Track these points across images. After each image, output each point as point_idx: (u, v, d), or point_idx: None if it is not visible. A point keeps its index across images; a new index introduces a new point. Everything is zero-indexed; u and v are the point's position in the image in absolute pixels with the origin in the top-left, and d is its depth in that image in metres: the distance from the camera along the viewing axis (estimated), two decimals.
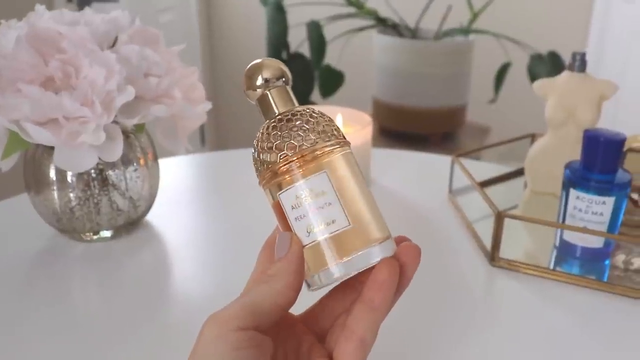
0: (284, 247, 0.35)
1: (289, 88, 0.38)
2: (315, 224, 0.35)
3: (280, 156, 0.35)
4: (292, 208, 0.36)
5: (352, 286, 0.38)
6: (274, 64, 0.38)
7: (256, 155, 0.37)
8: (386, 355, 0.52)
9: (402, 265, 0.36)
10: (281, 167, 0.35)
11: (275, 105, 0.38)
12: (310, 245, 0.35)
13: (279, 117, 0.37)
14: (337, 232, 0.35)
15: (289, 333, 0.38)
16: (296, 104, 0.38)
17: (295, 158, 0.35)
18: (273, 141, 0.36)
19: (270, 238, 0.39)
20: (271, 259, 0.37)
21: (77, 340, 0.55)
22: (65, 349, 0.54)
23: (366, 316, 0.34)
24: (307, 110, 0.37)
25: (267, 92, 0.38)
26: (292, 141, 0.35)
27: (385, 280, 0.34)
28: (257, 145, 0.37)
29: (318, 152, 0.35)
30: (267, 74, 0.38)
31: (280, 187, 0.36)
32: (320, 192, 0.35)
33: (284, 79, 0.38)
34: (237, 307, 0.33)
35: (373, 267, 0.35)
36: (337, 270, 0.35)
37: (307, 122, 0.36)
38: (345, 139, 0.38)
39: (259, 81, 0.38)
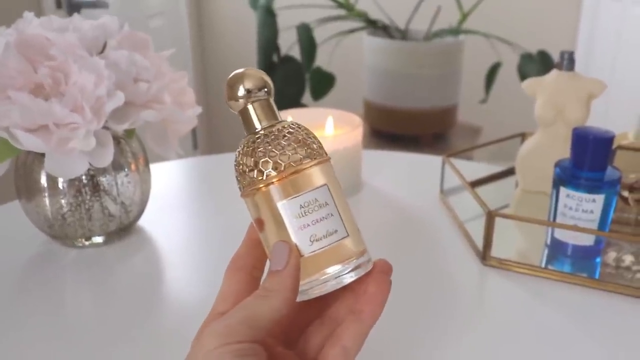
0: (282, 259, 0.35)
1: (271, 100, 0.38)
2: (320, 234, 0.36)
3: (275, 168, 0.36)
4: (296, 217, 0.36)
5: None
6: (256, 74, 0.38)
7: (243, 167, 0.37)
8: (378, 355, 0.52)
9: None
10: (281, 178, 0.36)
11: (259, 118, 0.38)
12: (312, 254, 0.36)
13: (268, 130, 0.37)
14: (338, 241, 0.36)
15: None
16: (279, 116, 0.39)
17: (295, 170, 0.36)
18: (266, 153, 0.36)
19: (237, 256, 0.40)
20: (237, 278, 0.38)
21: (70, 347, 0.55)
22: (58, 356, 0.53)
23: (353, 326, 0.36)
24: (298, 126, 0.38)
25: (250, 105, 0.38)
26: (289, 153, 0.36)
27: (375, 294, 0.36)
28: (244, 157, 0.37)
29: (313, 165, 0.36)
30: (249, 84, 0.37)
31: (275, 197, 0.36)
32: (324, 203, 0.36)
33: (266, 89, 0.38)
34: (236, 321, 0.34)
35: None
36: (333, 281, 0.36)
37: (299, 135, 0.37)
38: (326, 152, 0.39)
39: (241, 92, 0.38)
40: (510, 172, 0.90)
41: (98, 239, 0.70)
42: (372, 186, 0.88)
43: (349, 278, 0.36)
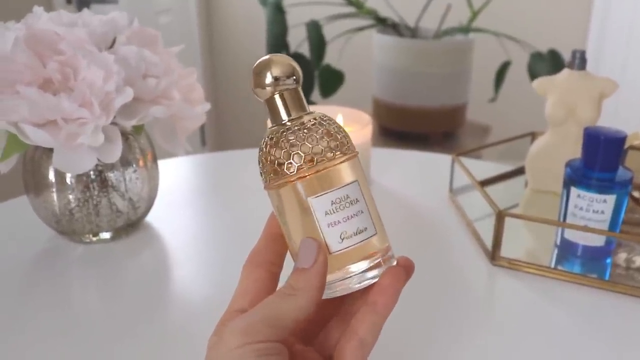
0: (310, 257, 0.34)
1: (299, 88, 0.37)
2: (350, 231, 0.35)
3: (307, 162, 0.34)
4: (327, 214, 0.35)
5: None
6: (284, 60, 0.36)
7: (270, 159, 0.36)
8: (387, 354, 0.52)
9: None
10: (312, 173, 0.35)
11: (288, 108, 0.36)
12: (340, 252, 0.35)
13: (298, 121, 0.36)
14: (367, 239, 0.36)
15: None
16: (307, 106, 0.37)
17: (327, 166, 0.35)
18: (298, 146, 0.35)
19: (255, 251, 0.39)
20: (255, 274, 0.37)
21: (77, 342, 0.54)
22: (65, 351, 0.53)
23: (368, 318, 0.35)
24: (328, 118, 0.37)
25: (278, 95, 0.36)
26: (322, 147, 0.35)
27: (389, 285, 0.35)
28: (272, 148, 0.35)
29: (344, 160, 0.35)
30: (276, 71, 0.36)
31: (306, 192, 0.35)
32: (355, 200, 0.35)
33: (294, 77, 0.36)
34: (259, 320, 0.33)
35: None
36: (358, 277, 0.36)
37: (330, 129, 0.36)
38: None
39: (268, 79, 0.36)
40: (519, 171, 0.89)
41: (105, 235, 0.70)
42: (381, 184, 0.87)
43: (373, 276, 0.36)
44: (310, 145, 0.35)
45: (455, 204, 0.80)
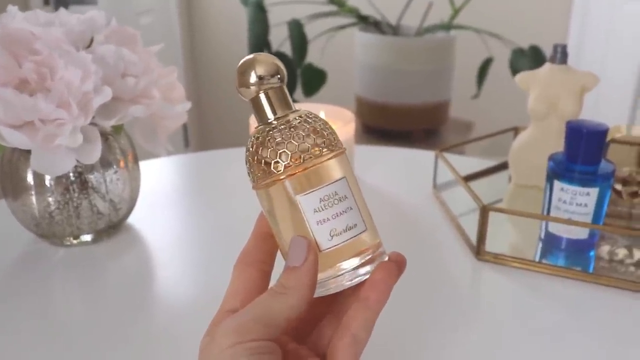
0: (300, 256, 0.34)
1: (284, 87, 0.37)
2: (340, 228, 0.35)
3: (293, 160, 0.34)
4: (315, 212, 0.35)
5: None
6: (268, 59, 0.36)
7: (256, 159, 0.35)
8: (372, 351, 0.51)
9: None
10: (299, 171, 0.34)
11: (273, 107, 0.36)
12: (330, 249, 0.35)
13: (284, 120, 0.36)
14: (357, 236, 0.35)
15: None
16: (292, 105, 0.37)
17: (314, 163, 0.34)
18: (284, 144, 0.34)
19: (245, 251, 0.38)
20: (246, 274, 0.37)
21: (60, 347, 0.54)
22: (47, 356, 0.52)
23: (361, 314, 0.35)
24: (314, 116, 0.36)
25: (263, 94, 0.36)
26: (308, 145, 0.35)
27: (381, 280, 0.35)
28: (259, 148, 0.35)
29: (331, 157, 0.35)
30: (260, 70, 0.36)
31: (294, 190, 0.35)
32: (344, 197, 0.35)
33: (279, 76, 0.36)
34: (250, 319, 0.33)
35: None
36: (350, 274, 0.35)
37: (316, 126, 0.36)
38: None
39: (253, 78, 0.36)
40: (502, 166, 0.89)
41: (87, 238, 0.69)
42: (365, 182, 0.87)
43: (365, 273, 0.36)
44: (297, 143, 0.34)
45: (439, 200, 0.80)
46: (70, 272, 0.65)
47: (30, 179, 0.64)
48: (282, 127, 0.35)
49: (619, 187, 0.71)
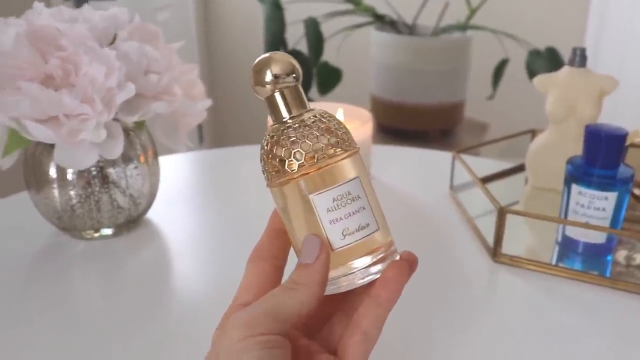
0: (312, 253, 0.35)
1: (299, 86, 0.37)
2: (352, 227, 0.35)
3: (308, 159, 0.35)
4: (328, 211, 0.35)
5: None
6: (284, 58, 0.36)
7: (271, 157, 0.36)
8: (388, 351, 0.52)
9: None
10: (313, 170, 0.35)
11: (288, 106, 0.36)
12: (342, 248, 0.35)
13: (299, 119, 0.36)
14: (369, 235, 0.36)
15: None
16: (307, 104, 0.37)
17: (328, 163, 0.35)
18: (299, 144, 0.35)
19: (259, 246, 0.39)
20: (259, 269, 0.38)
21: (79, 338, 0.54)
22: (67, 347, 0.53)
23: (372, 311, 0.35)
24: (329, 115, 0.37)
25: (278, 92, 0.36)
26: (322, 144, 0.35)
27: (393, 278, 0.35)
28: (274, 146, 0.36)
29: (345, 156, 0.35)
30: (276, 69, 0.36)
31: (308, 189, 0.35)
32: (357, 196, 0.35)
33: (294, 75, 0.36)
34: (261, 312, 0.33)
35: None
36: (361, 272, 0.36)
37: (331, 126, 0.36)
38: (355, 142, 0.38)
39: (268, 77, 0.36)
40: (519, 168, 0.89)
41: (107, 231, 0.70)
42: (382, 181, 0.87)
43: (377, 271, 0.36)
44: (311, 143, 0.35)
45: (455, 201, 0.80)
46: (90, 265, 0.66)
47: (53, 172, 0.65)
48: (297, 126, 0.35)
49: (637, 191, 0.71)
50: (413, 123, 1.76)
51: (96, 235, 0.70)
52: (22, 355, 0.53)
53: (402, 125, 1.77)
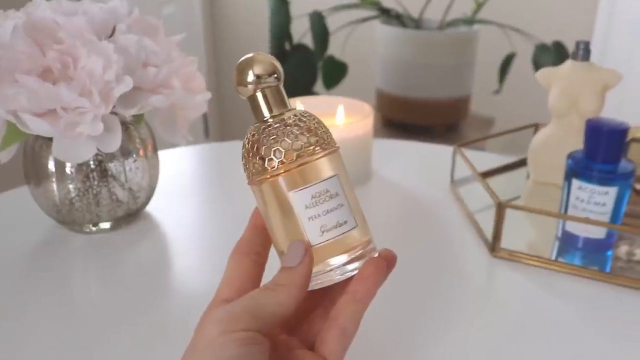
0: (296, 257, 0.36)
1: (281, 86, 0.38)
2: (330, 224, 0.36)
3: (286, 157, 0.35)
4: (307, 208, 0.36)
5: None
6: (266, 59, 0.37)
7: (252, 155, 0.37)
8: (387, 345, 0.52)
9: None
10: (292, 168, 0.35)
11: (269, 105, 0.37)
12: (320, 244, 0.36)
13: (279, 118, 0.37)
14: (348, 232, 0.36)
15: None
16: (289, 104, 0.38)
17: (306, 161, 0.36)
18: (278, 142, 0.36)
19: (241, 242, 0.40)
20: (241, 264, 0.38)
21: (77, 331, 0.55)
22: (65, 340, 0.53)
23: (349, 307, 0.36)
24: (309, 114, 0.38)
25: (260, 92, 0.37)
26: (301, 142, 0.36)
27: (370, 274, 0.36)
28: (254, 145, 0.37)
29: (324, 155, 0.36)
30: (258, 69, 0.37)
31: (287, 187, 0.36)
32: (335, 194, 0.36)
33: (275, 75, 0.37)
34: (240, 309, 0.34)
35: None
36: (339, 269, 0.36)
37: (310, 124, 0.37)
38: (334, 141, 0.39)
39: (250, 77, 0.37)
40: (521, 163, 0.89)
41: (106, 225, 0.70)
42: (382, 175, 0.87)
43: (354, 269, 0.36)
44: (290, 141, 0.36)
45: (456, 195, 0.80)
46: (89, 259, 0.67)
47: (51, 166, 0.65)
48: (277, 125, 0.36)
49: (638, 186, 0.70)
50: (419, 117, 1.76)
51: (95, 229, 0.70)
52: (21, 348, 0.53)
53: (408, 119, 1.77)
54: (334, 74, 1.80)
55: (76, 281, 0.64)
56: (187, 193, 0.83)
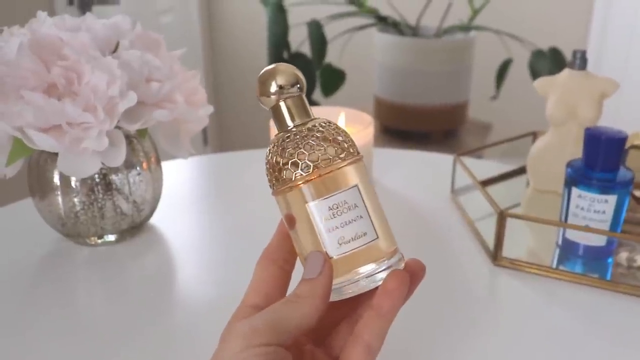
0: (316, 268, 0.36)
1: (304, 96, 0.38)
2: (348, 236, 0.36)
3: (305, 168, 0.35)
4: (325, 219, 0.36)
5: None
6: (288, 69, 0.38)
7: (273, 166, 0.37)
8: (389, 354, 0.52)
9: (411, 275, 0.37)
10: (311, 179, 0.35)
11: (292, 115, 0.37)
12: (339, 256, 0.36)
13: (300, 128, 0.37)
14: (367, 244, 0.36)
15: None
16: (312, 113, 0.38)
17: (326, 171, 0.35)
18: (295, 153, 0.36)
19: (269, 248, 0.40)
20: (268, 271, 0.38)
21: (82, 344, 0.55)
22: (71, 352, 0.54)
23: (374, 322, 0.35)
24: (330, 124, 0.38)
25: (283, 102, 0.37)
26: (319, 153, 0.36)
27: (394, 289, 0.35)
28: (275, 155, 0.37)
29: (344, 165, 0.36)
30: (281, 80, 0.37)
31: (306, 197, 0.36)
32: (353, 205, 0.36)
33: (298, 86, 0.38)
34: (262, 324, 0.34)
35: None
36: (365, 280, 0.36)
37: (329, 135, 0.37)
38: (358, 150, 0.38)
39: (273, 88, 0.37)
40: (521, 170, 0.89)
41: (110, 237, 0.71)
42: (383, 184, 0.88)
43: (380, 280, 0.36)
44: (312, 151, 0.36)
45: (456, 204, 0.81)
46: (93, 271, 0.67)
47: (56, 180, 0.66)
48: (299, 134, 0.36)
49: (637, 194, 0.71)
50: (416, 124, 1.77)
51: (100, 241, 0.70)
52: (26, 359, 0.53)
53: (406, 126, 1.78)
54: (332, 81, 1.81)
55: (81, 293, 0.64)
56: (189, 204, 0.84)
